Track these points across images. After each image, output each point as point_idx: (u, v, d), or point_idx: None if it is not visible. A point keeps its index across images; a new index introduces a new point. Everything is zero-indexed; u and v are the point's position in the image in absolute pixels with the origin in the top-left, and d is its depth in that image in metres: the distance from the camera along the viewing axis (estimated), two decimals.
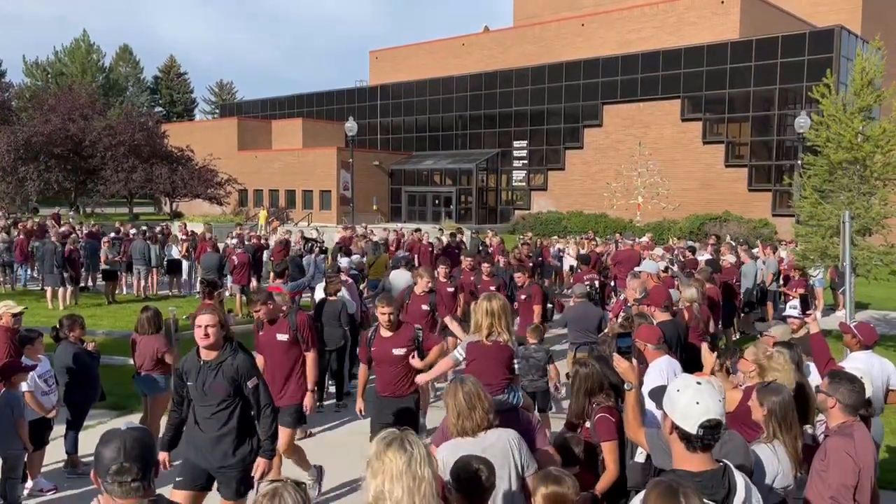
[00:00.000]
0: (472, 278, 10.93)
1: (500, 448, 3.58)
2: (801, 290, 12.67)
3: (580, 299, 8.97)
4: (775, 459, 3.75)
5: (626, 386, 3.82)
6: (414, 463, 2.65)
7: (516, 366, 4.99)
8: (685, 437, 2.72)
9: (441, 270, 9.88)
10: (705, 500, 2.60)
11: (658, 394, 3.10)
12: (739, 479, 2.77)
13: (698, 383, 2.85)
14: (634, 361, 3.93)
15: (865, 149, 11.38)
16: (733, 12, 37.70)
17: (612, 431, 4.26)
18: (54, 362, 6.69)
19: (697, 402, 2.71)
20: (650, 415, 4.05)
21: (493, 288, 9.80)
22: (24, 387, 6.09)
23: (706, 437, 2.71)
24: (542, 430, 4.30)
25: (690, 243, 19.87)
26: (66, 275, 15.80)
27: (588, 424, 4.42)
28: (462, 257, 12.44)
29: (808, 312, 6.54)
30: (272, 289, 12.19)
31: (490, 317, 4.71)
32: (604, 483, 4.24)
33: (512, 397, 4.59)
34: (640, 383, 4.10)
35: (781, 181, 30.97)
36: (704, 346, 7.52)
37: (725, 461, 2.82)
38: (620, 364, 3.91)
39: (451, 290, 9.90)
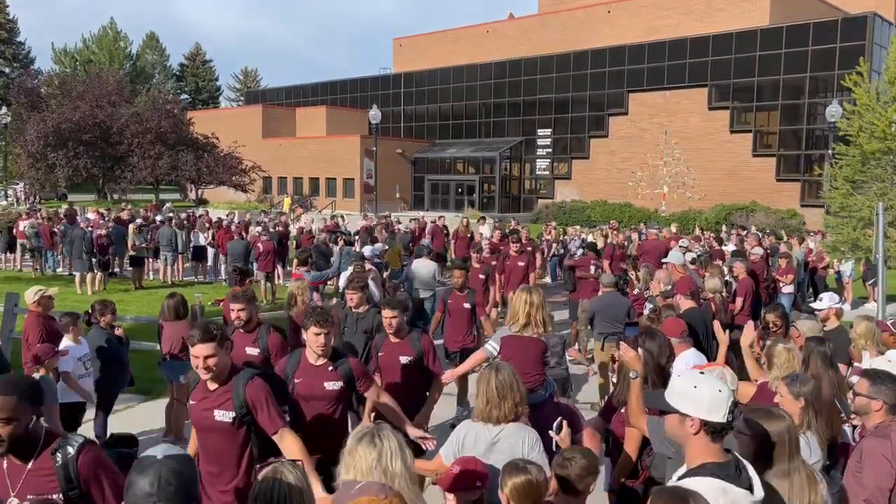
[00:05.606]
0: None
1: (509, 443, 3.58)
2: (791, 276, 12.52)
3: (608, 289, 8.83)
4: (808, 450, 3.72)
5: (631, 374, 3.82)
6: (384, 458, 2.67)
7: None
8: (716, 429, 2.69)
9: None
10: (744, 489, 2.60)
11: (657, 399, 2.96)
12: (747, 463, 2.78)
13: (701, 373, 2.85)
14: (641, 351, 3.91)
15: None
16: None
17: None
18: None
19: (720, 391, 2.70)
20: None
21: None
22: (62, 365, 6.23)
23: (733, 422, 2.73)
24: (578, 415, 4.28)
25: (724, 236, 19.66)
26: (93, 260, 16.05)
27: (624, 410, 4.36)
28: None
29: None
30: (295, 276, 12.27)
31: (529, 307, 4.60)
32: (620, 469, 4.15)
33: (548, 389, 4.51)
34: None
35: (810, 171, 30.52)
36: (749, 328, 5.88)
37: (730, 448, 2.81)
38: (627, 353, 3.90)
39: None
